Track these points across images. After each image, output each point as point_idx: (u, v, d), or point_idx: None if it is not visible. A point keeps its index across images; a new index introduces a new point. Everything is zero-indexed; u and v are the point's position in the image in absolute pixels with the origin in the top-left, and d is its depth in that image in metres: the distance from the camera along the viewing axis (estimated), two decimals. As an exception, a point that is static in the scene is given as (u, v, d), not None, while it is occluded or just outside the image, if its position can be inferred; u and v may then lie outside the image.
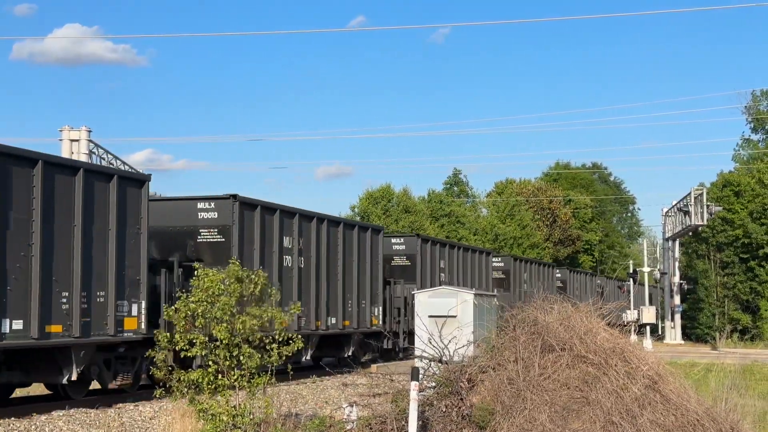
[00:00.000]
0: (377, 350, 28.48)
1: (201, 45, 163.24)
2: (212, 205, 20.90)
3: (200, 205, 21.00)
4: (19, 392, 18.12)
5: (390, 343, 28.11)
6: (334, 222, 25.47)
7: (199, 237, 20.82)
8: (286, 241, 22.50)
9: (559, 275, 45.46)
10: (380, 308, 28.05)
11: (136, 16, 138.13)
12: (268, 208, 21.92)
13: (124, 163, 42.40)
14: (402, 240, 31.78)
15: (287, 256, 22.45)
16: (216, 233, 20.78)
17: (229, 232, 20.58)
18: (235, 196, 20.64)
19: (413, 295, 21.64)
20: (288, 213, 22.76)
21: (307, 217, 23.72)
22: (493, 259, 40.74)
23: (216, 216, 20.84)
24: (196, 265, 12.18)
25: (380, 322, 27.91)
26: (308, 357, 23.67)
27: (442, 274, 33.26)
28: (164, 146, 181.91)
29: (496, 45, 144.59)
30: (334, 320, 24.72)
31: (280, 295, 22.14)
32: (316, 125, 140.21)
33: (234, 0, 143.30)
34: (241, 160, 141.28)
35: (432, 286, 28.26)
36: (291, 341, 11.75)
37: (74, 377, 15.90)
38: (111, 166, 39.16)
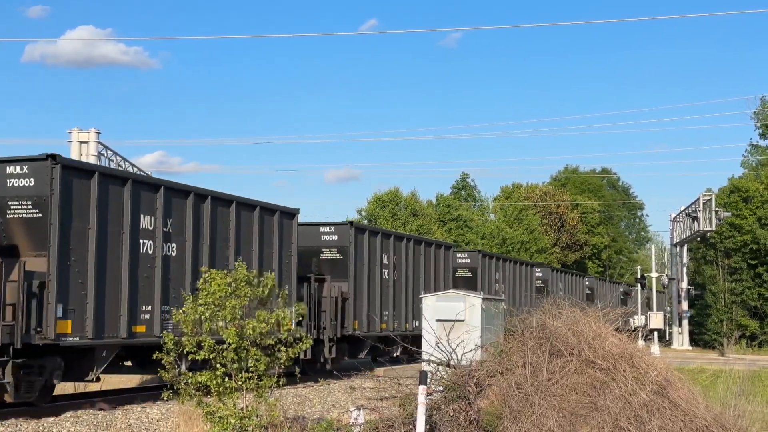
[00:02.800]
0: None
1: (212, 47, 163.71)
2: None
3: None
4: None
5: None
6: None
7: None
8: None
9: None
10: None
11: (149, 18, 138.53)
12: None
13: (133, 165, 42.53)
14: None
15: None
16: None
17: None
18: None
19: (420, 298, 21.59)
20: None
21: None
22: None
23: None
24: (203, 268, 12.21)
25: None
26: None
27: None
28: (174, 149, 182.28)
29: (506, 50, 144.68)
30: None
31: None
32: (325, 129, 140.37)
33: (245, 3, 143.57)
34: (251, 163, 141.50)
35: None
36: (298, 341, 11.75)
37: None
38: (119, 167, 39.27)
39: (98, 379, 16.62)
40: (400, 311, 28.89)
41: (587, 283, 56.40)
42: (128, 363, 18.31)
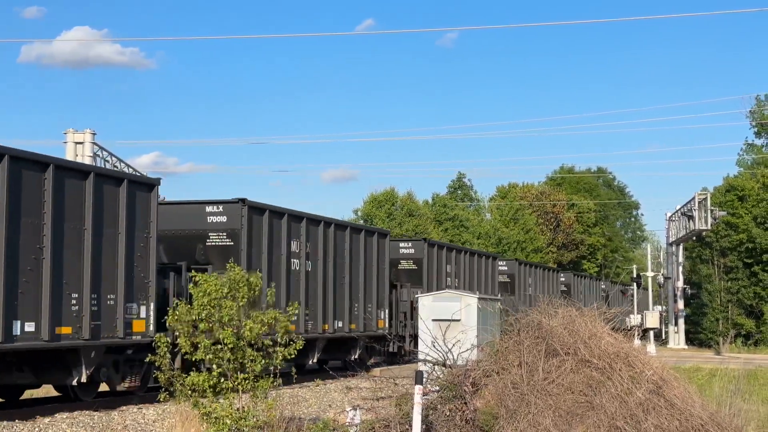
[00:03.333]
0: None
1: (208, 48, 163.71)
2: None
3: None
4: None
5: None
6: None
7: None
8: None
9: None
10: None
11: (145, 19, 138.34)
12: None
13: (128, 165, 42.45)
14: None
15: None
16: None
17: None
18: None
19: (417, 298, 21.63)
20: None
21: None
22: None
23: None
24: (192, 273, 12.21)
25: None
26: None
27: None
28: (171, 149, 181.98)
29: (503, 49, 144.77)
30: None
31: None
32: (322, 128, 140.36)
33: (242, 3, 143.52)
34: (247, 163, 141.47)
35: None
36: (292, 342, 11.76)
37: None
38: (116, 168, 39.24)
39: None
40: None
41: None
42: None
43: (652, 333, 47.29)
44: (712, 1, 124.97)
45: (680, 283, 55.03)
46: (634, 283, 56.42)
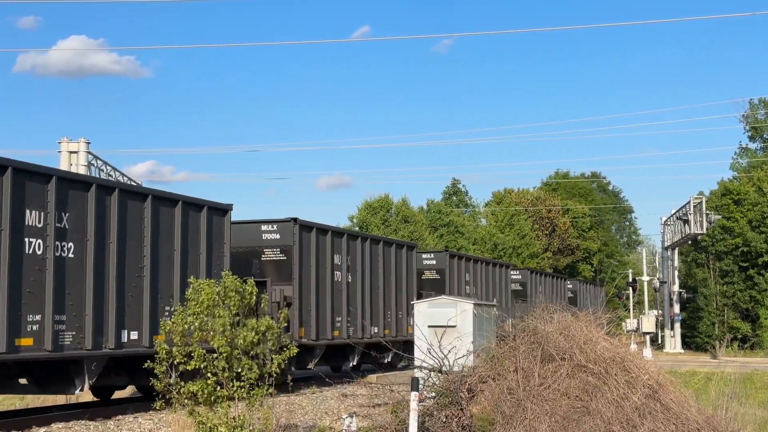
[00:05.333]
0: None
1: (204, 56, 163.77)
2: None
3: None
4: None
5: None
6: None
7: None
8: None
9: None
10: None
11: (141, 28, 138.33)
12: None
13: (123, 174, 42.43)
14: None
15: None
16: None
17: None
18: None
19: (412, 305, 21.61)
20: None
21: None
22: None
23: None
24: (192, 279, 12.22)
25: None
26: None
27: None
28: (166, 158, 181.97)
29: (497, 55, 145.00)
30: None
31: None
32: (317, 136, 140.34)
33: (237, 12, 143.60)
34: (242, 171, 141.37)
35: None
36: (286, 348, 11.74)
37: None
38: (110, 177, 39.21)
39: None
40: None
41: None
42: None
43: (648, 337, 47.32)
44: (706, 6, 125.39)
45: (676, 287, 55.08)
46: (630, 288, 56.49)
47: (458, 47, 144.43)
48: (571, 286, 54.87)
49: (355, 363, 26.37)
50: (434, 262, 34.44)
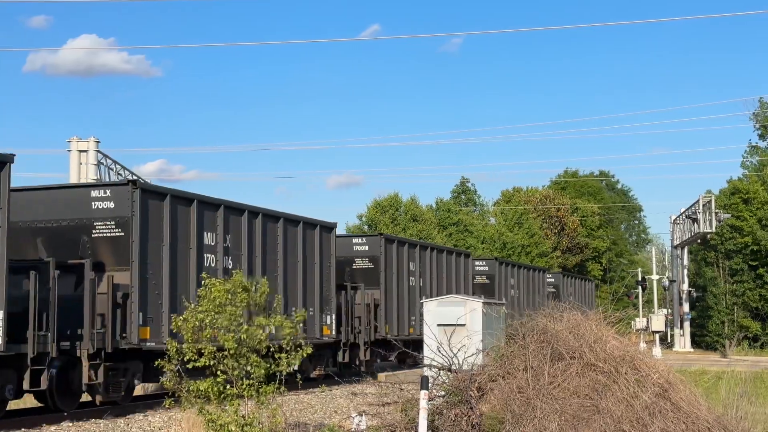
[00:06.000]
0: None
1: (214, 55, 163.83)
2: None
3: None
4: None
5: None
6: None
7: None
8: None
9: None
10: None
11: (151, 27, 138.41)
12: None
13: (132, 173, 42.53)
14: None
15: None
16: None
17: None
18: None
19: (421, 303, 21.64)
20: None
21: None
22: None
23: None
24: (204, 275, 12.22)
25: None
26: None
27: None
28: (176, 157, 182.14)
29: (506, 54, 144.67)
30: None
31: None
32: (326, 134, 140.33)
33: (246, 10, 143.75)
34: (252, 170, 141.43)
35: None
36: (300, 348, 11.72)
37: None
38: (119, 177, 39.31)
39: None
40: None
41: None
42: None
43: (657, 336, 47.24)
44: (715, 4, 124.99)
45: (685, 286, 54.98)
46: (639, 287, 56.39)
47: (468, 46, 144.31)
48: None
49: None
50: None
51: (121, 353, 16.91)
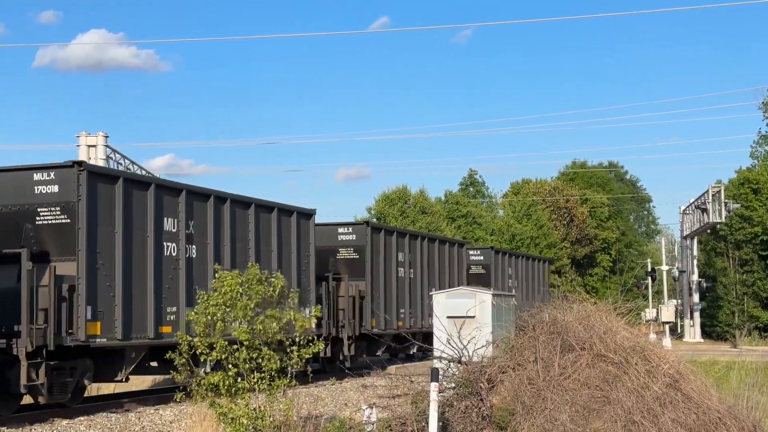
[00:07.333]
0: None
1: (222, 49, 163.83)
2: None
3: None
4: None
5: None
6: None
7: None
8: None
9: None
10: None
11: (160, 22, 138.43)
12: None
13: (141, 168, 42.64)
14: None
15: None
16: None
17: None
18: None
19: (431, 296, 21.64)
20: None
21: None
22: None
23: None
24: (216, 266, 12.27)
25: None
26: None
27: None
28: (185, 151, 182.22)
29: (515, 46, 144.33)
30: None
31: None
32: (335, 128, 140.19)
33: (254, 3, 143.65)
34: (261, 164, 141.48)
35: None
36: (312, 343, 11.74)
37: None
38: (128, 171, 39.41)
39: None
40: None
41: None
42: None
43: (667, 327, 47.15)
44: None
45: (695, 277, 54.86)
46: (649, 278, 56.28)
47: (477, 38, 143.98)
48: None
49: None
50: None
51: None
